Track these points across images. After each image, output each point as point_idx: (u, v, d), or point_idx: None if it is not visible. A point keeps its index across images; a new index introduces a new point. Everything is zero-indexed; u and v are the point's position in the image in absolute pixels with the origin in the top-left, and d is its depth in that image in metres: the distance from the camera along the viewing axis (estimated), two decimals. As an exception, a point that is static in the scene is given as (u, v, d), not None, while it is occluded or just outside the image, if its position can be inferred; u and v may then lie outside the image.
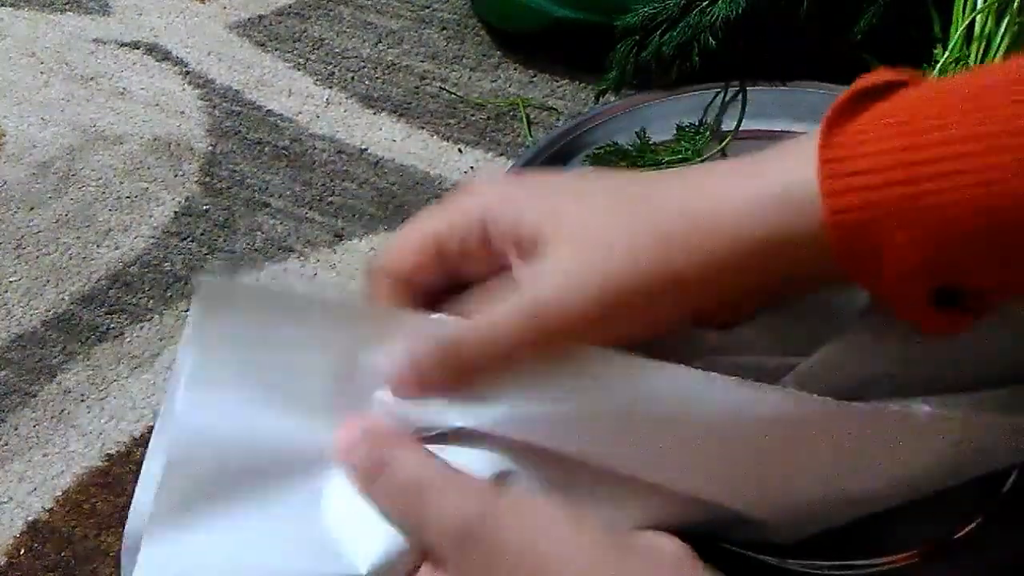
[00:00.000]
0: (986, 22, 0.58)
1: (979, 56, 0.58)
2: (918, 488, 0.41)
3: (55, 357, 0.66)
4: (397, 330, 0.41)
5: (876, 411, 0.39)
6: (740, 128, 0.67)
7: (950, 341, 0.39)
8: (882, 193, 0.35)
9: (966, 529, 0.44)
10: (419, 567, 0.39)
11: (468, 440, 0.40)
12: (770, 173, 0.38)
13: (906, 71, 0.38)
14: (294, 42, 0.86)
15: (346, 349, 0.41)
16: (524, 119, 0.77)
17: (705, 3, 0.69)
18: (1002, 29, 0.57)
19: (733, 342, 0.42)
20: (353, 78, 0.82)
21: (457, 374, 0.39)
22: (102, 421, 0.63)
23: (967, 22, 0.59)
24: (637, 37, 0.71)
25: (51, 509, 0.59)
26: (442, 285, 0.42)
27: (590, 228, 0.39)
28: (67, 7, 0.91)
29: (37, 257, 0.72)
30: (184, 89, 0.83)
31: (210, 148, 0.78)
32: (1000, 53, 0.57)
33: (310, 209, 0.73)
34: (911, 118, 0.36)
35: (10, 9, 0.91)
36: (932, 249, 0.35)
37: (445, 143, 0.77)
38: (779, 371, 0.41)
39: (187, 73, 0.84)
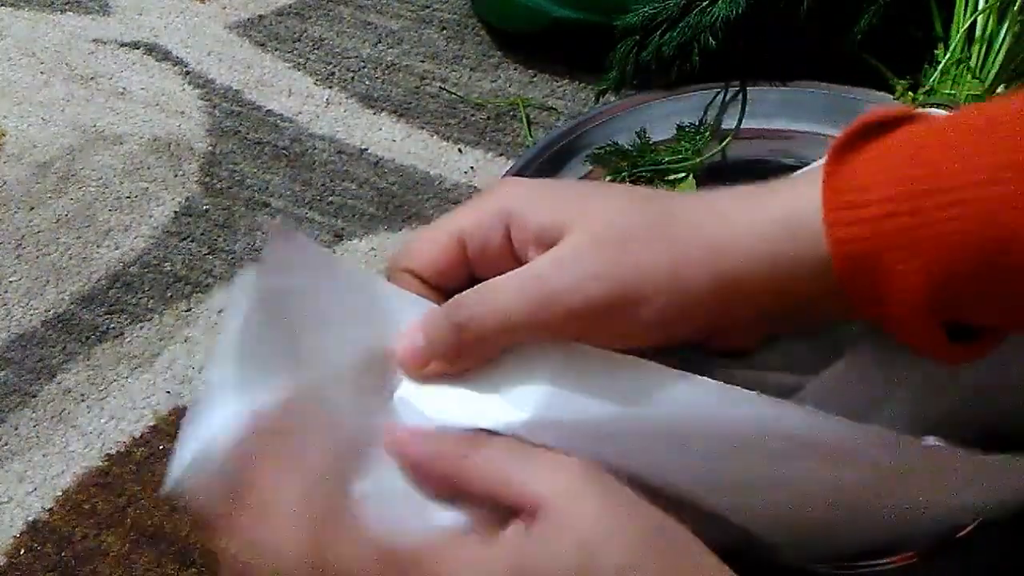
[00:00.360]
0: (987, 22, 0.58)
1: (981, 57, 0.58)
2: (926, 524, 0.41)
3: (55, 357, 0.66)
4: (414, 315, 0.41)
5: (886, 435, 0.39)
6: (740, 127, 0.67)
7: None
8: (885, 223, 0.35)
9: (966, 529, 0.44)
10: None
11: None
12: (781, 201, 0.38)
13: (912, 108, 0.39)
14: (294, 42, 0.86)
15: (375, 336, 0.41)
16: (524, 119, 0.77)
17: (705, 3, 0.69)
18: (1004, 29, 0.57)
19: (744, 362, 0.42)
20: (353, 78, 0.82)
21: (458, 334, 0.39)
22: (102, 421, 0.63)
23: (968, 23, 0.59)
24: (637, 37, 0.71)
25: (51, 509, 0.59)
26: (463, 283, 0.42)
27: (611, 226, 0.39)
28: (67, 7, 0.91)
29: (37, 257, 0.72)
30: (184, 89, 0.83)
31: (210, 148, 0.78)
32: (1002, 53, 0.57)
33: (310, 209, 0.73)
34: (916, 151, 0.36)
35: (10, 9, 0.91)
36: (937, 279, 0.35)
37: (445, 143, 0.77)
38: (788, 389, 0.41)
39: (187, 73, 0.84)
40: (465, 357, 0.40)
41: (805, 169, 0.40)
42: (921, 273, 0.35)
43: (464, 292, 0.40)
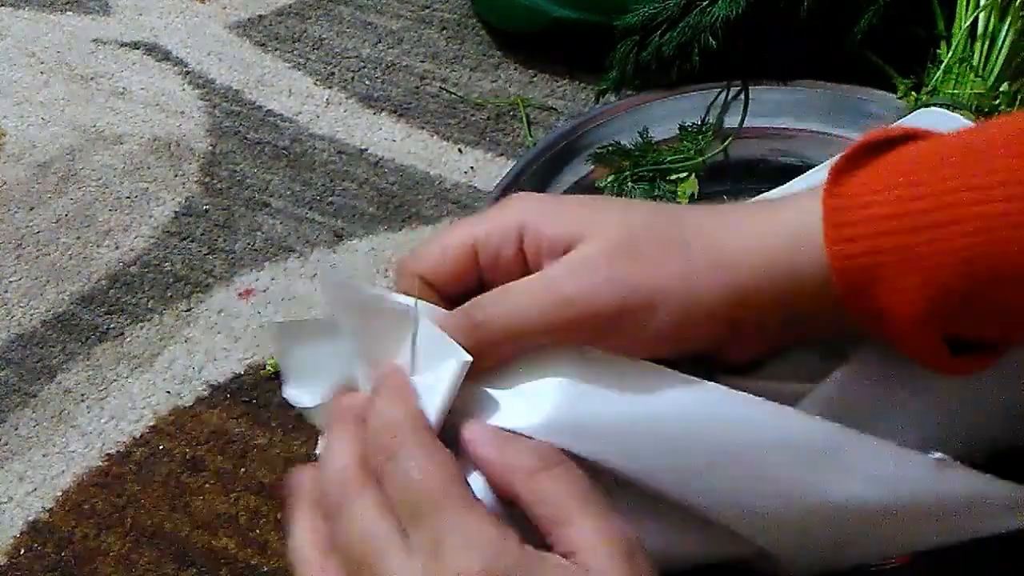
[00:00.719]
0: (989, 19, 0.58)
1: (983, 55, 0.58)
2: (928, 539, 0.41)
3: (55, 357, 0.66)
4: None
5: (896, 450, 0.39)
6: (743, 127, 0.67)
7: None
8: (882, 240, 0.37)
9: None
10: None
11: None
12: (787, 215, 0.39)
13: (914, 128, 0.40)
14: (294, 42, 0.86)
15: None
16: (524, 119, 0.77)
17: (705, 3, 0.69)
18: (1005, 26, 0.57)
19: (749, 372, 0.42)
20: (353, 78, 0.82)
21: (474, 335, 0.40)
22: (102, 421, 0.62)
23: (970, 20, 0.58)
24: (637, 37, 0.71)
25: (51, 509, 0.59)
26: (472, 291, 0.43)
27: (624, 235, 0.40)
28: (67, 7, 0.91)
29: (37, 257, 0.72)
30: (184, 89, 0.83)
31: (210, 148, 0.78)
32: (1004, 51, 0.57)
33: (310, 209, 0.73)
34: (913, 170, 0.37)
35: (10, 9, 0.91)
36: (934, 294, 0.36)
37: (445, 143, 0.77)
38: (794, 397, 0.41)
39: (187, 73, 0.84)
40: (480, 357, 0.40)
41: (816, 170, 0.40)
42: (919, 288, 0.36)
43: (482, 295, 0.41)
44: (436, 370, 0.40)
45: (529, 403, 0.40)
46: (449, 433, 0.40)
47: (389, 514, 0.37)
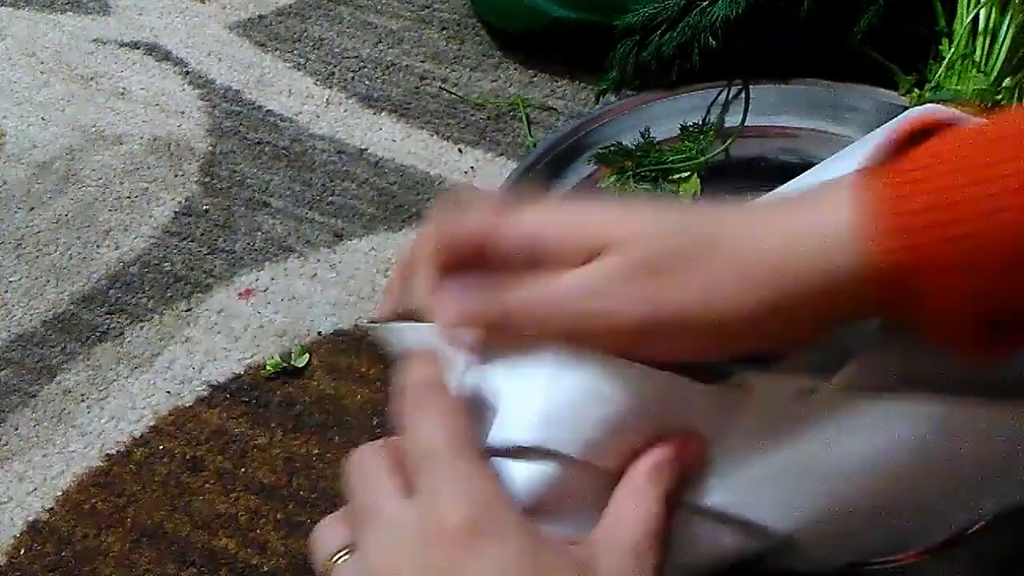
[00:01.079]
0: (990, 14, 0.58)
1: (985, 50, 0.58)
2: (964, 499, 0.41)
3: (55, 357, 0.66)
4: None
5: (930, 400, 0.40)
6: (744, 125, 0.67)
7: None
8: (927, 234, 0.36)
9: (976, 525, 0.44)
10: None
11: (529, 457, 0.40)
12: (813, 220, 0.38)
13: (949, 110, 0.39)
14: (294, 42, 0.86)
15: None
16: (524, 119, 0.77)
17: (705, 3, 0.69)
18: (1007, 21, 0.57)
19: (761, 365, 0.42)
20: (353, 78, 0.82)
21: (502, 318, 0.41)
22: (102, 421, 0.62)
23: (971, 16, 0.58)
24: (637, 37, 0.71)
25: (51, 509, 0.59)
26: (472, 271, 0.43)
27: (648, 250, 0.39)
28: (67, 7, 0.91)
29: (37, 257, 0.72)
30: (184, 89, 0.83)
31: (210, 148, 0.78)
32: (1005, 46, 0.57)
33: (310, 209, 0.73)
34: (953, 159, 0.37)
35: (10, 9, 0.91)
36: (981, 286, 0.36)
37: (445, 143, 0.77)
38: (808, 391, 0.41)
39: (187, 73, 0.84)
40: (498, 338, 0.41)
41: (831, 160, 0.40)
42: (966, 279, 0.36)
43: (515, 287, 0.41)
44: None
45: (525, 402, 0.40)
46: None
47: (394, 466, 0.39)
